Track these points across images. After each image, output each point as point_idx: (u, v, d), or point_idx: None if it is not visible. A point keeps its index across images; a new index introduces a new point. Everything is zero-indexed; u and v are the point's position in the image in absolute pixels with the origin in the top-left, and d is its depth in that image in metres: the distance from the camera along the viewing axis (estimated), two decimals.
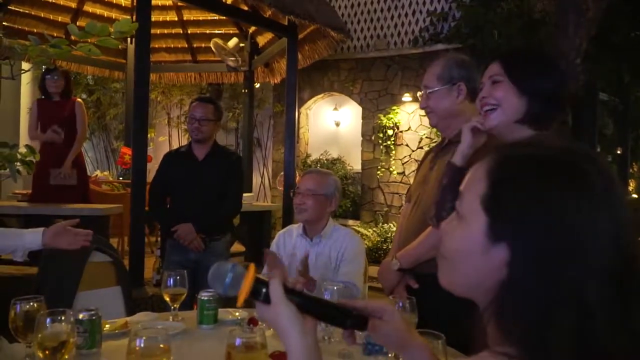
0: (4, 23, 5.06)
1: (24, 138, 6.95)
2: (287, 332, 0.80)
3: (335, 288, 1.62)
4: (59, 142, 4.03)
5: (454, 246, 0.71)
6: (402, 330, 0.87)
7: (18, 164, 2.78)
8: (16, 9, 5.33)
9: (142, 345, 1.03)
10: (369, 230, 7.12)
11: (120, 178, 5.97)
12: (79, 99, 4.38)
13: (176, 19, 6.14)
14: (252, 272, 0.81)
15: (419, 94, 1.97)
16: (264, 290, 0.81)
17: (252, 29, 6.07)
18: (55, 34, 5.17)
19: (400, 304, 1.47)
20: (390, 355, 1.38)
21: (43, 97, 4.20)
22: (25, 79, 7.23)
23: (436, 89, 1.87)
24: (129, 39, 5.98)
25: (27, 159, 2.84)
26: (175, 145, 8.79)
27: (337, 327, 0.87)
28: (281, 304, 0.80)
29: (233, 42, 5.78)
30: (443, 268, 0.73)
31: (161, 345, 1.06)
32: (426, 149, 7.31)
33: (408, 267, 1.85)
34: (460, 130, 1.87)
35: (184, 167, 3.00)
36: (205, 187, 2.96)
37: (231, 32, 6.19)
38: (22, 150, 2.84)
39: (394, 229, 6.92)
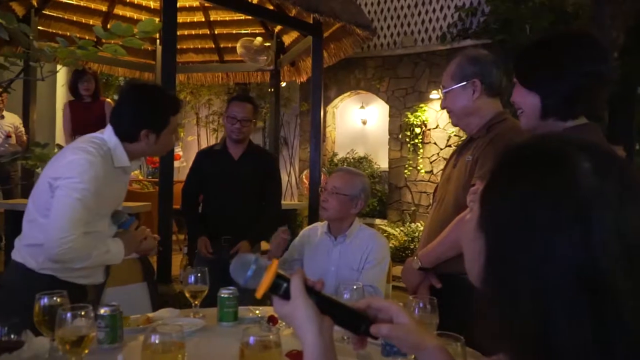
0: (38, 27, 5.22)
1: (59, 138, 7.16)
2: (305, 328, 0.80)
3: (354, 288, 1.60)
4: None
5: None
6: (415, 332, 0.85)
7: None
8: (50, 13, 5.48)
9: (156, 341, 1.04)
10: (396, 229, 7.07)
11: (149, 177, 6.08)
12: (108, 99, 4.47)
13: (203, 19, 6.22)
14: (274, 266, 0.83)
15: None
16: (284, 285, 0.82)
17: (278, 28, 6.09)
18: (87, 37, 5.29)
19: (421, 304, 1.44)
20: (409, 356, 1.36)
21: (73, 98, 4.31)
22: (60, 81, 7.44)
23: (450, 88, 1.86)
24: (157, 41, 6.08)
25: None
26: (204, 145, 8.91)
27: (351, 332, 0.86)
28: (301, 300, 0.81)
29: (258, 41, 5.82)
30: None
31: (176, 342, 1.06)
32: (454, 147, 7.21)
33: (429, 266, 1.83)
34: (482, 126, 1.84)
35: (219, 166, 2.97)
36: (240, 186, 2.93)
37: (257, 31, 6.22)
38: (55, 150, 2.92)
39: (422, 228, 6.85)
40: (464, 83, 1.82)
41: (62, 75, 6.80)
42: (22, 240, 1.78)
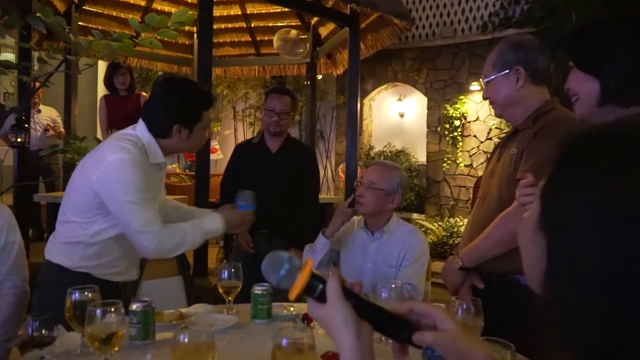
0: (79, 23, 5.31)
1: (100, 132, 7.33)
2: (341, 334, 0.74)
3: (392, 286, 1.53)
4: None
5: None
6: (461, 340, 0.77)
7: None
8: (90, 9, 5.57)
9: (186, 341, 0.99)
10: (434, 224, 6.92)
11: (186, 170, 6.14)
12: (143, 93, 4.51)
13: (240, 12, 6.21)
14: (309, 266, 0.77)
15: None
16: (320, 286, 0.76)
17: (314, 20, 6.02)
18: (126, 32, 5.36)
19: (464, 306, 1.36)
20: None
21: (109, 92, 4.36)
22: (102, 75, 7.59)
23: (492, 77, 1.75)
24: (195, 35, 6.11)
25: None
26: (241, 139, 8.95)
27: (392, 339, 0.79)
28: (337, 304, 0.74)
29: (294, 33, 5.77)
30: None
31: (206, 342, 1.02)
32: (496, 140, 6.99)
33: (470, 265, 1.73)
34: (527, 116, 1.73)
35: (257, 159, 2.92)
36: (278, 179, 2.88)
37: (293, 24, 6.17)
38: (92, 143, 2.95)
39: (461, 223, 6.68)
40: (507, 71, 1.71)
41: (103, 69, 6.93)
42: (57, 238, 1.77)
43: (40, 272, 1.76)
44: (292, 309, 1.78)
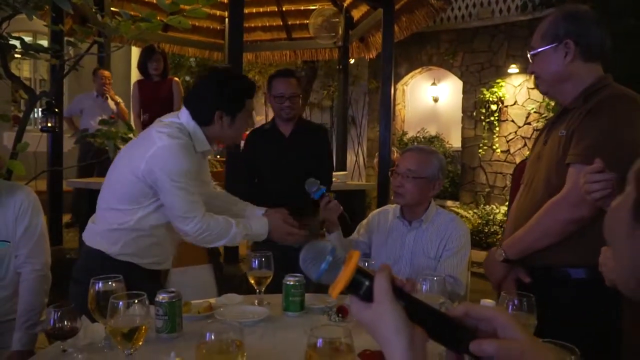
0: (112, 9, 5.30)
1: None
2: (391, 342, 0.63)
3: (434, 279, 1.42)
4: None
5: (606, 226, 0.58)
6: (530, 352, 0.65)
7: (119, 140, 2.87)
8: None
9: (212, 338, 0.91)
10: (469, 212, 6.74)
11: (218, 156, 6.11)
12: (176, 78, 4.47)
13: None
14: (355, 259, 0.67)
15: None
16: (366, 283, 0.66)
17: (347, 1, 5.87)
18: (159, 17, 5.31)
19: (516, 302, 1.23)
20: None
21: (142, 78, 4.34)
22: (136, 62, 7.63)
23: (539, 50, 1.59)
24: (226, 20, 6.03)
25: (127, 135, 2.92)
26: None
27: (449, 348, 0.67)
28: (387, 305, 0.64)
29: (329, 13, 5.64)
30: None
31: (234, 340, 0.93)
32: (535, 125, 6.73)
33: (515, 257, 1.61)
34: (577, 94, 1.58)
35: (270, 145, 2.82)
36: (293, 164, 2.77)
37: (326, 6, 6.03)
38: (122, 128, 2.92)
39: (497, 211, 6.48)
40: (555, 44, 1.56)
41: (136, 55, 6.95)
42: (99, 225, 1.74)
43: (78, 265, 1.72)
44: (327, 300, 1.68)
